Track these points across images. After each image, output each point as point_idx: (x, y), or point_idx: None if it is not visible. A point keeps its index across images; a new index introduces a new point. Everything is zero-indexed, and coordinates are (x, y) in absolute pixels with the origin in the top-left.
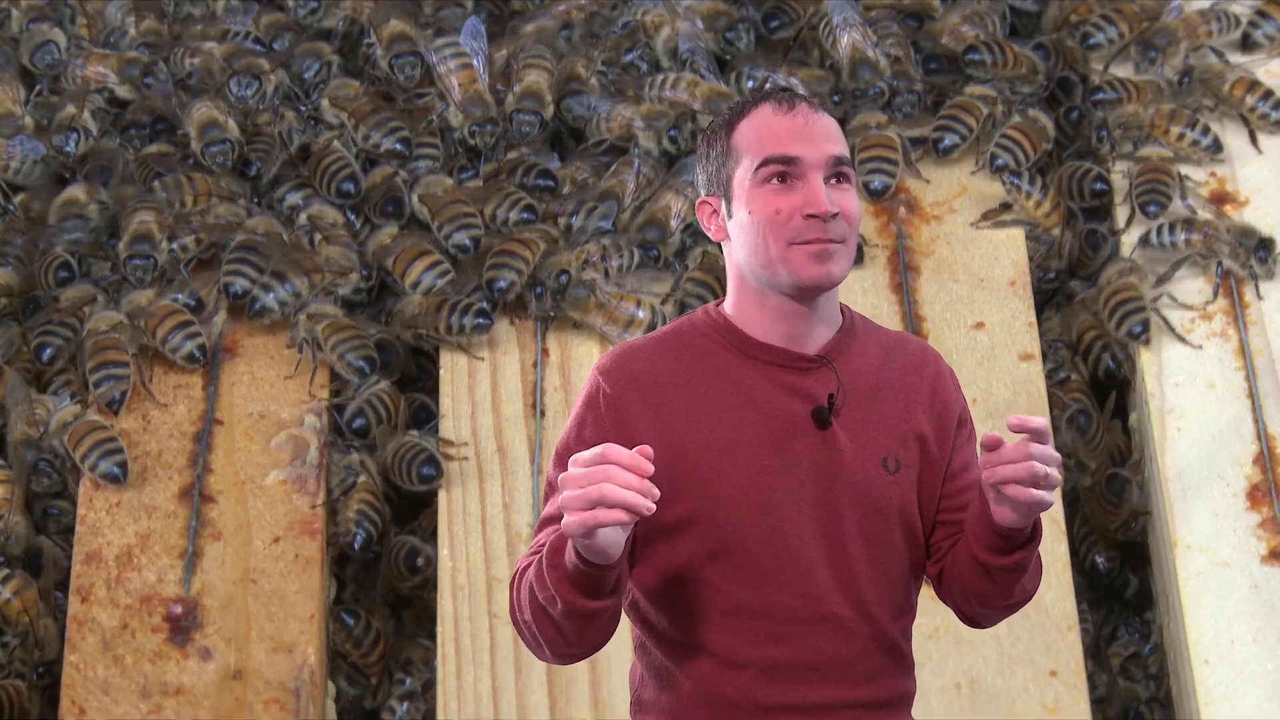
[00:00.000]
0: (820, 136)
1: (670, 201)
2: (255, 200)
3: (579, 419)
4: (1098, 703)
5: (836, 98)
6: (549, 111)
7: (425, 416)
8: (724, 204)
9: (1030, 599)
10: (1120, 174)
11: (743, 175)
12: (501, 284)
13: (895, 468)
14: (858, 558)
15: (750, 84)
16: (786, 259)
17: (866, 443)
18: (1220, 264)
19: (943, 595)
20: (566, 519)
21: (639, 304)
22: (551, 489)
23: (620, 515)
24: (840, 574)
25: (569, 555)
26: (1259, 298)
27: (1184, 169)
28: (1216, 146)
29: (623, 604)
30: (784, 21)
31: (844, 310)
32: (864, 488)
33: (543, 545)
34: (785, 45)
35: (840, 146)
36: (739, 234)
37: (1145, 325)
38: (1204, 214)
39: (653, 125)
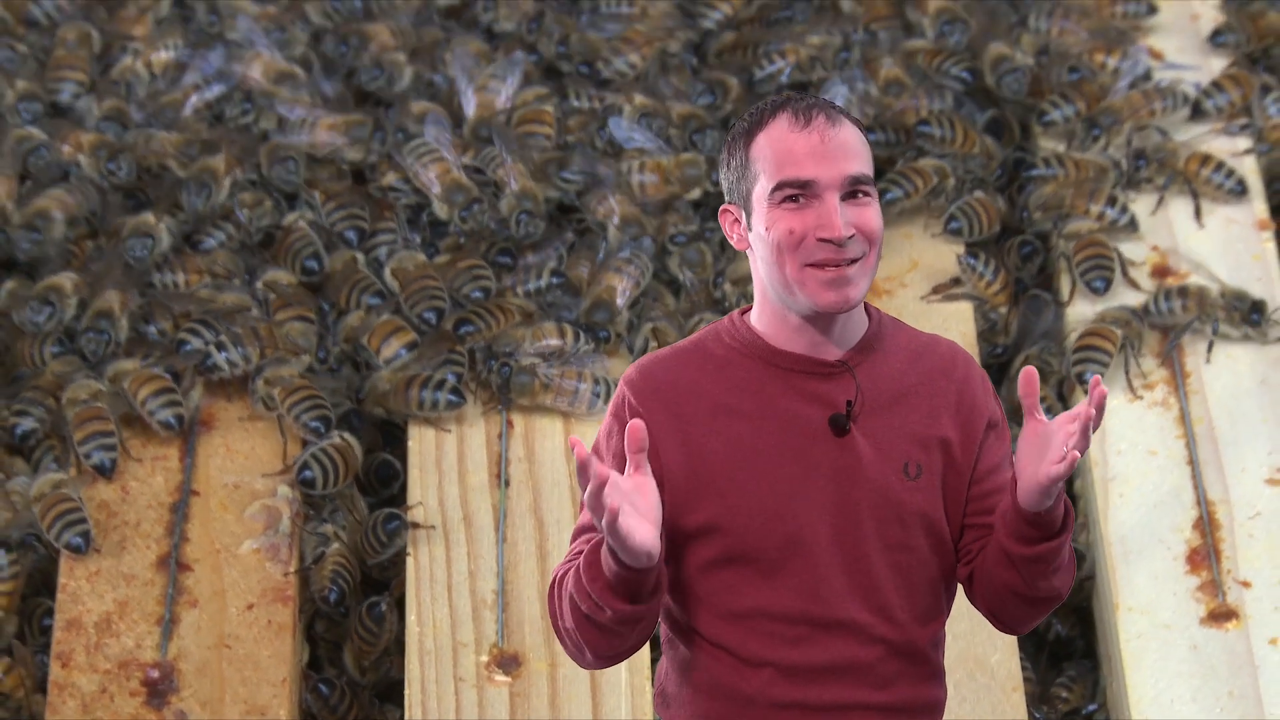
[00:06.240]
0: (838, 154)
1: (613, 281)
2: (248, 278)
3: (606, 428)
4: None
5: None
6: (543, 208)
7: (389, 474)
8: (744, 216)
9: (1061, 599)
10: (1055, 249)
11: (760, 193)
12: (469, 328)
13: (916, 473)
14: (878, 563)
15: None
16: (802, 282)
17: (887, 449)
18: (1213, 327)
19: (974, 598)
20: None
21: (579, 377)
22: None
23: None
24: (858, 579)
25: (606, 564)
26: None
27: (1126, 243)
28: (1133, 225)
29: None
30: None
31: (871, 312)
32: (883, 493)
33: (579, 553)
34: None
35: (859, 163)
36: (759, 248)
37: (1099, 368)
38: (1197, 280)
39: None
